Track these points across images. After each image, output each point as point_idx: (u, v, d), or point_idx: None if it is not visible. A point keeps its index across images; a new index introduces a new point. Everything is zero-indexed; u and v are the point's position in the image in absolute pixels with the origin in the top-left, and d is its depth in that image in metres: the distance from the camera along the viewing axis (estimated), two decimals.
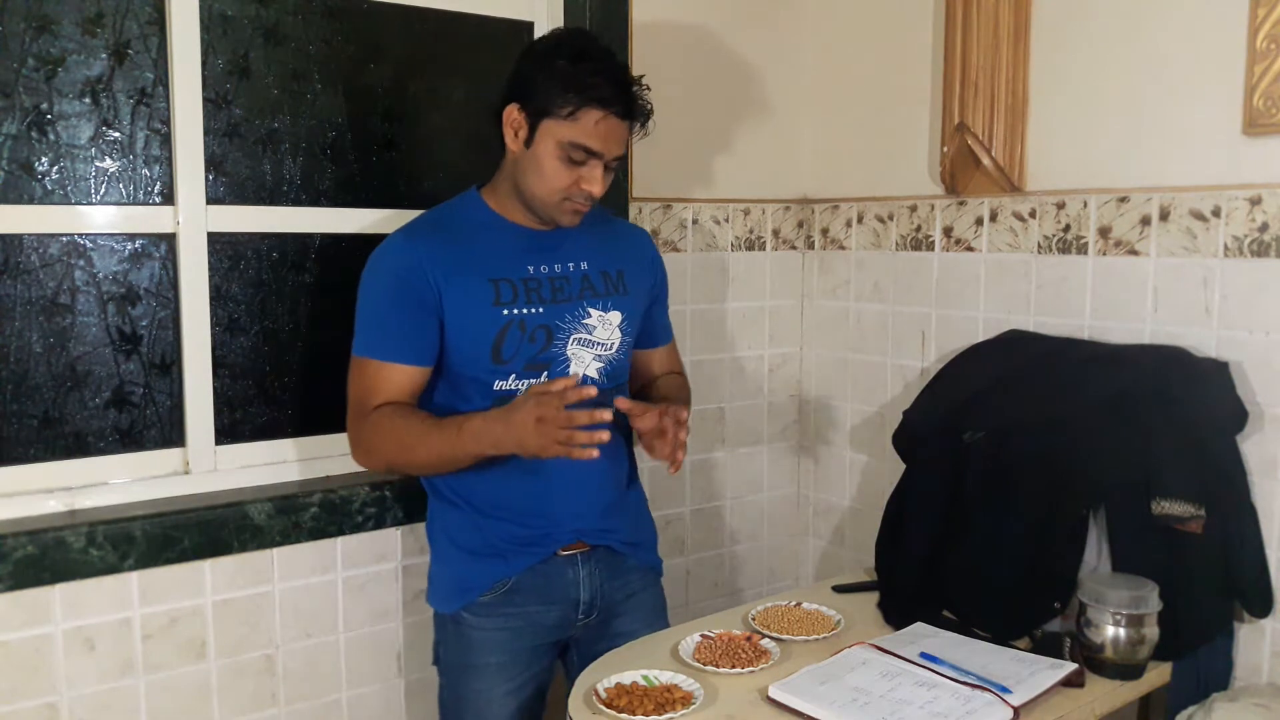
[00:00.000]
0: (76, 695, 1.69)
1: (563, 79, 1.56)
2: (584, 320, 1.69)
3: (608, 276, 1.74)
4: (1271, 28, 1.68)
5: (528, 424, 1.50)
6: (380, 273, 1.66)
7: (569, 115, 1.57)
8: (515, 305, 1.64)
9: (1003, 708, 1.42)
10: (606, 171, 1.62)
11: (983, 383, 1.92)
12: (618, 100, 1.58)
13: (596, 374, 1.71)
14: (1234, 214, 1.75)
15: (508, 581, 1.70)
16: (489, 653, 1.71)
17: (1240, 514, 1.70)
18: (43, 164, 1.70)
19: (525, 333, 1.64)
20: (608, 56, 1.61)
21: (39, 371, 1.73)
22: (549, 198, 1.62)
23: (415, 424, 1.61)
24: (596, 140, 1.58)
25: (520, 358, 1.64)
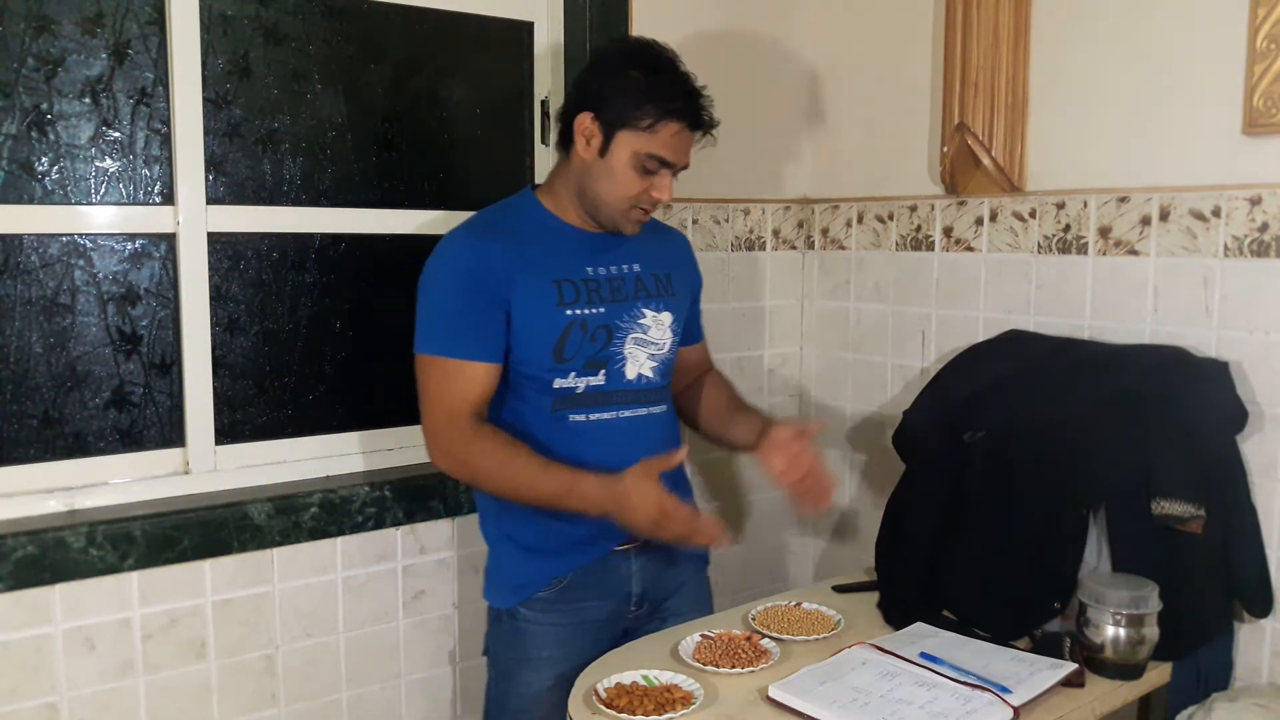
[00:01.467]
0: (76, 695, 1.69)
1: (640, 91, 1.62)
2: (640, 320, 1.74)
3: (658, 278, 1.79)
4: (1271, 28, 1.68)
5: (644, 517, 1.59)
6: (449, 270, 1.66)
7: (648, 128, 1.62)
8: (577, 305, 1.68)
9: (1003, 708, 1.42)
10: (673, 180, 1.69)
11: (983, 383, 1.92)
12: (692, 112, 1.65)
13: (651, 373, 1.76)
14: (1234, 214, 1.75)
15: (564, 579, 1.73)
16: (542, 647, 1.74)
17: (1240, 514, 1.70)
18: (43, 164, 1.70)
19: (587, 333, 1.68)
20: (677, 68, 1.67)
21: (39, 371, 1.73)
22: (618, 205, 1.67)
23: (523, 462, 1.62)
24: (672, 151, 1.64)
25: (580, 357, 1.68)
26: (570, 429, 1.69)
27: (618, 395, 1.72)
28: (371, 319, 2.04)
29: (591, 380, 1.70)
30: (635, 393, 1.74)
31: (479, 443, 1.63)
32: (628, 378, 1.73)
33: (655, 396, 1.78)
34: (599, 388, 1.70)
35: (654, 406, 1.78)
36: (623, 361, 1.72)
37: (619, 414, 1.72)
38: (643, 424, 1.76)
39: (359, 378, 2.03)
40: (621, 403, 1.73)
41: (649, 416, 1.77)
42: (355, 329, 2.02)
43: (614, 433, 1.72)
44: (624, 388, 1.73)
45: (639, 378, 1.74)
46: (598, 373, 1.70)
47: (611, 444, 1.71)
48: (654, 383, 1.77)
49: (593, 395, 1.70)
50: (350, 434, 2.01)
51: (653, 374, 1.76)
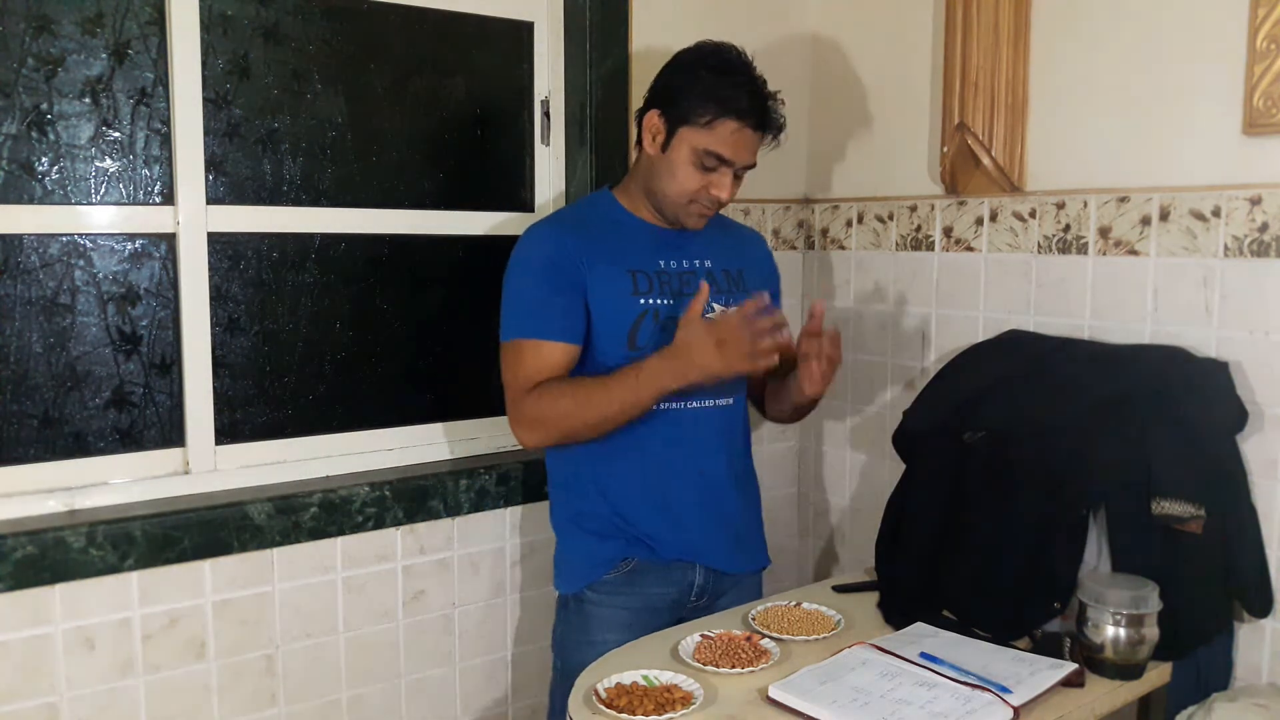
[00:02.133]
0: (76, 695, 1.69)
1: (704, 89, 1.67)
2: (707, 314, 1.73)
3: (729, 274, 1.84)
4: (1271, 28, 1.68)
5: (708, 349, 1.61)
6: (532, 260, 1.75)
7: (706, 124, 1.67)
8: (651, 296, 1.75)
9: (1003, 708, 1.42)
10: (735, 179, 1.73)
11: (983, 383, 1.92)
12: (753, 113, 1.68)
13: None
14: (1234, 214, 1.75)
15: (631, 561, 1.79)
16: (606, 630, 1.78)
17: (1240, 514, 1.70)
18: (43, 164, 1.70)
19: (658, 322, 1.74)
20: (748, 70, 1.71)
21: (39, 371, 1.73)
22: (679, 200, 1.73)
23: (588, 382, 1.70)
24: (729, 149, 1.68)
25: (652, 345, 1.73)
26: (639, 418, 1.72)
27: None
28: (372, 319, 2.04)
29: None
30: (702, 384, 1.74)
31: (544, 396, 1.69)
32: None
33: (721, 390, 1.80)
34: None
35: (720, 399, 1.82)
36: None
37: (685, 405, 1.77)
38: (708, 416, 1.80)
39: (359, 378, 2.04)
40: (686, 394, 1.74)
41: (715, 409, 1.81)
42: (355, 329, 2.02)
43: (680, 423, 1.77)
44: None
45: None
46: None
47: (677, 434, 1.77)
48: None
49: None
50: (350, 434, 2.01)
51: None
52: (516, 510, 2.12)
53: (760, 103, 1.69)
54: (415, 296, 2.10)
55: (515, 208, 2.17)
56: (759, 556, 1.96)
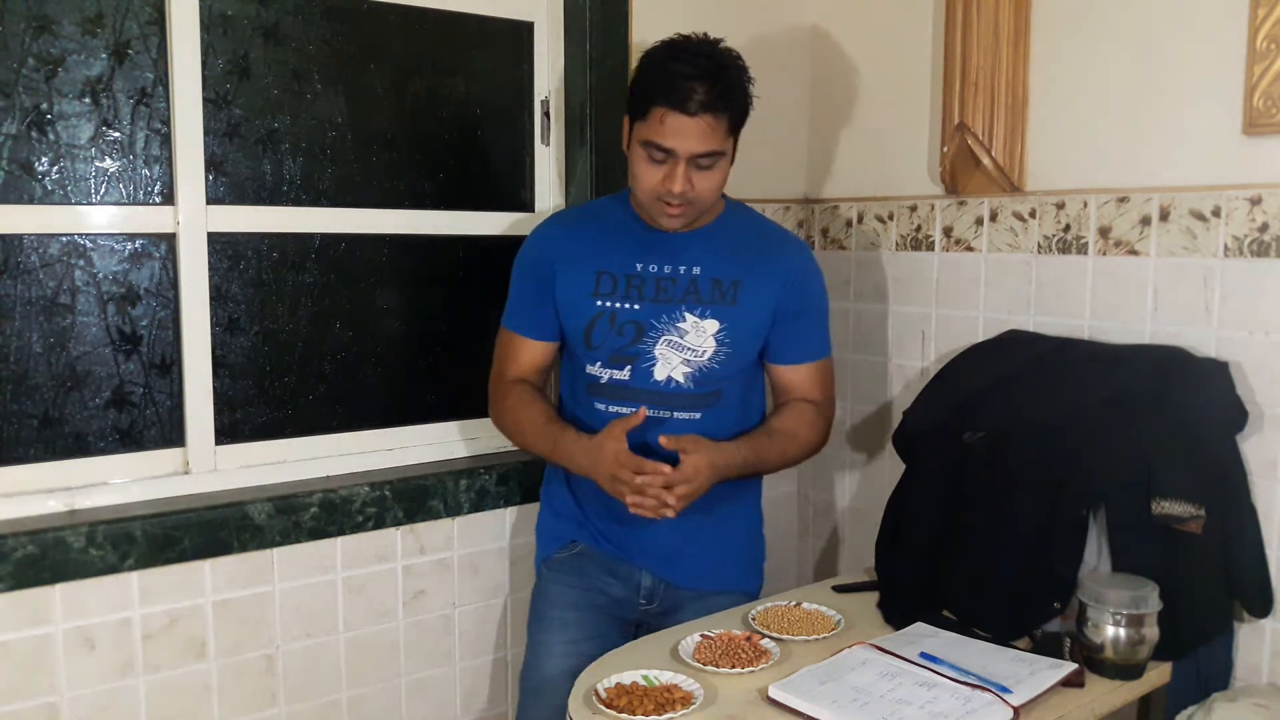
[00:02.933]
0: (76, 695, 1.69)
1: (642, 80, 1.66)
2: (678, 323, 1.74)
3: (719, 285, 1.75)
4: (1271, 27, 1.68)
5: (603, 474, 1.67)
6: (522, 254, 1.85)
7: (643, 115, 1.64)
8: (612, 299, 1.75)
9: (1003, 708, 1.42)
10: (697, 171, 1.64)
11: (983, 383, 1.92)
12: (688, 97, 1.59)
13: (683, 378, 1.75)
14: (1234, 214, 1.75)
15: (577, 545, 1.86)
16: (555, 606, 1.84)
17: (1240, 514, 1.70)
18: (43, 164, 1.70)
19: (614, 326, 1.74)
20: (691, 55, 1.63)
21: (39, 371, 1.73)
22: (644, 198, 1.70)
23: (531, 415, 1.80)
24: (665, 137, 1.61)
25: (606, 348, 1.75)
26: (595, 415, 1.78)
27: (641, 394, 1.74)
28: (371, 319, 2.04)
29: (615, 374, 1.75)
30: (662, 395, 1.74)
31: (505, 398, 1.83)
32: (655, 378, 1.74)
33: (686, 403, 1.75)
34: (622, 382, 1.75)
35: (681, 412, 1.75)
36: (653, 361, 1.74)
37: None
38: (667, 428, 1.73)
39: (359, 378, 2.04)
40: (644, 401, 1.73)
41: (674, 421, 1.75)
42: (355, 329, 2.02)
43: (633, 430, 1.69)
44: (650, 388, 1.74)
45: (668, 380, 1.74)
46: (623, 367, 1.75)
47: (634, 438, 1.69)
48: (685, 389, 1.74)
49: (615, 388, 1.76)
50: (350, 434, 2.01)
51: (685, 380, 1.74)
52: (516, 510, 2.11)
53: (704, 86, 1.58)
54: (415, 296, 2.10)
55: (515, 208, 2.17)
56: (735, 579, 1.89)
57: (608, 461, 1.65)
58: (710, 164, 1.65)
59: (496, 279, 2.16)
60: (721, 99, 1.61)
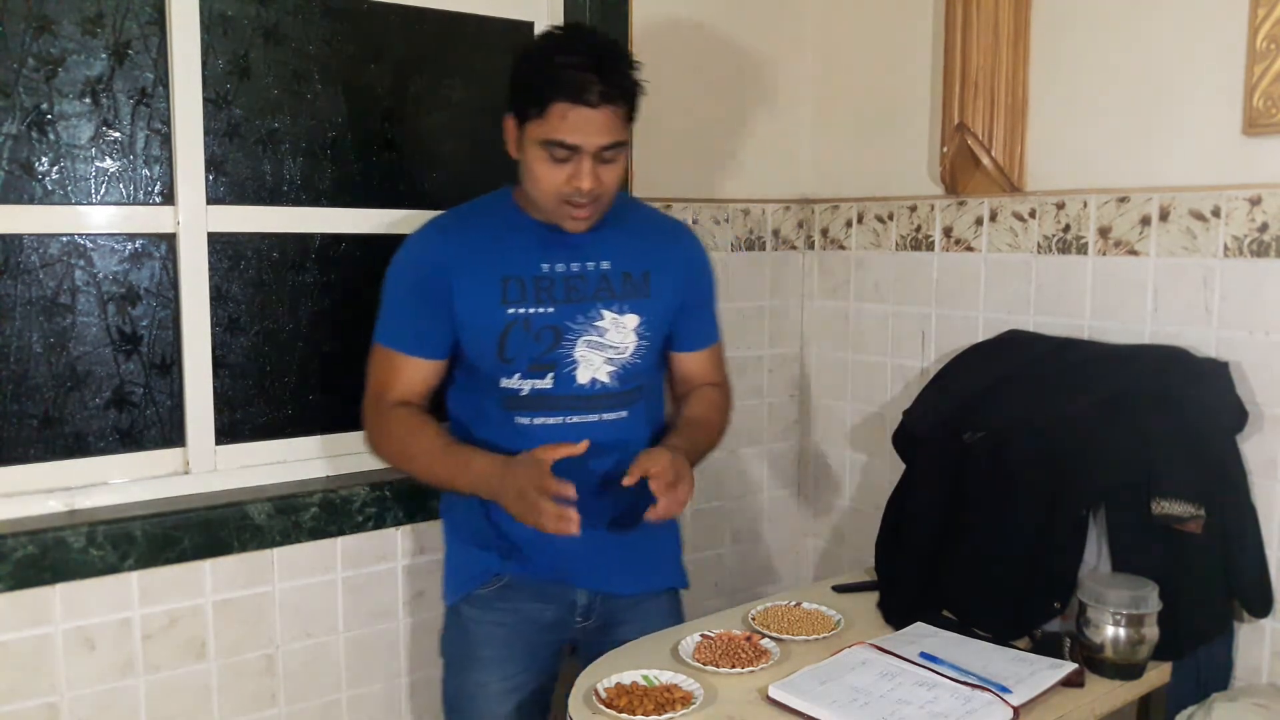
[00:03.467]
0: (76, 695, 1.69)
1: (526, 79, 1.55)
2: (596, 322, 1.66)
3: (629, 278, 1.69)
4: (1271, 28, 1.68)
5: (511, 492, 1.54)
6: (403, 264, 1.69)
7: (539, 114, 1.53)
8: (522, 304, 1.63)
9: (1003, 708, 1.42)
10: (602, 164, 1.56)
11: (983, 383, 1.92)
12: (586, 89, 1.51)
13: (608, 378, 1.68)
14: (1234, 214, 1.75)
15: (503, 577, 1.72)
16: (484, 645, 1.72)
17: (1240, 514, 1.70)
18: (43, 164, 1.70)
19: (530, 332, 1.62)
20: (579, 44, 1.56)
21: (39, 371, 1.73)
22: (547, 201, 1.59)
23: (427, 440, 1.64)
24: (569, 133, 1.52)
25: (524, 357, 1.63)
26: (518, 431, 1.65)
27: (566, 400, 1.65)
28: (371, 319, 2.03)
29: (537, 383, 1.64)
30: (588, 398, 1.66)
31: (388, 422, 1.66)
32: (579, 382, 1.65)
33: (612, 403, 1.68)
34: (545, 391, 1.64)
35: (608, 413, 1.68)
36: (574, 365, 1.65)
37: (566, 419, 1.66)
38: (595, 431, 1.65)
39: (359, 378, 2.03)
40: (570, 408, 1.65)
41: (601, 423, 1.68)
42: (355, 329, 2.02)
43: (558, 439, 1.61)
44: (574, 393, 1.65)
45: (593, 383, 1.66)
46: (544, 375, 1.64)
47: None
48: (610, 388, 1.68)
49: (537, 399, 1.64)
50: (350, 434, 2.01)
51: (610, 379, 1.67)
52: None
53: (597, 76, 1.51)
54: None
55: None
56: (667, 577, 1.83)
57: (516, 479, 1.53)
58: (613, 156, 1.58)
59: None
60: (619, 87, 1.54)
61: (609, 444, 1.67)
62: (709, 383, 1.86)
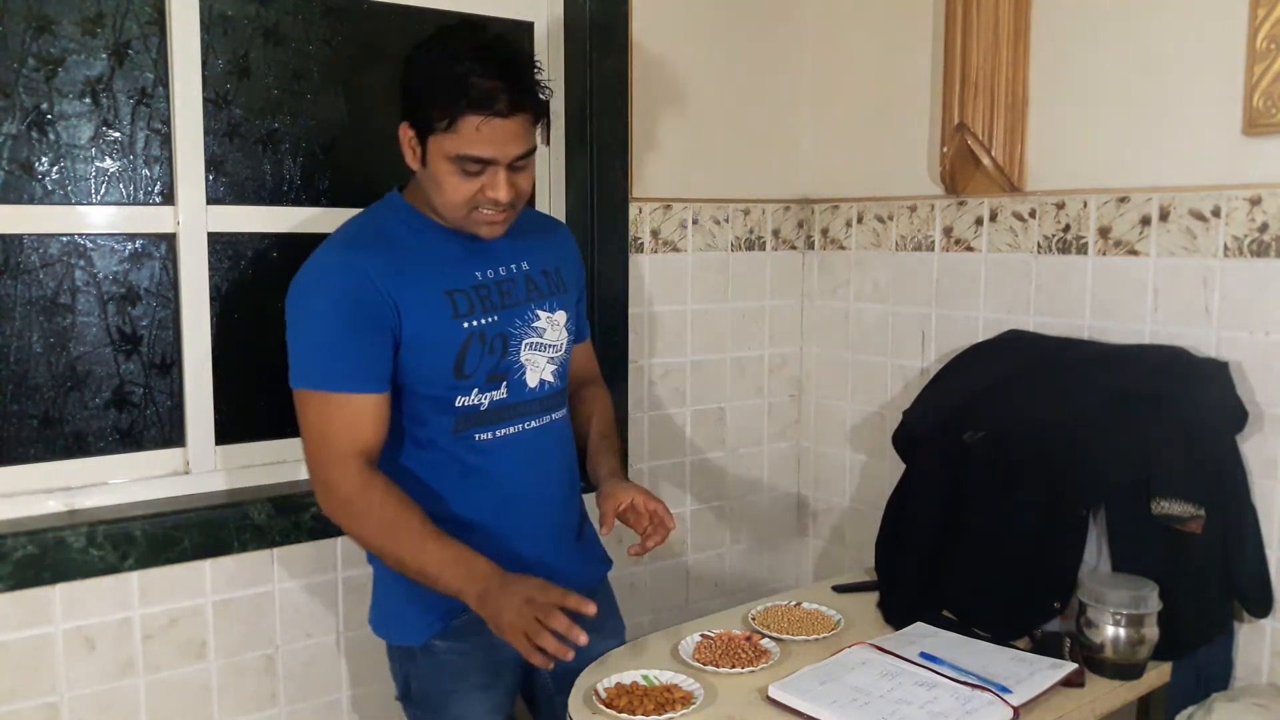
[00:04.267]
0: (76, 695, 1.69)
1: (433, 88, 1.45)
2: (534, 324, 1.62)
3: (549, 275, 1.67)
4: (1271, 28, 1.68)
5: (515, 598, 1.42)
6: (324, 292, 1.50)
7: (448, 127, 1.44)
8: (474, 316, 1.55)
9: (1003, 708, 1.42)
10: (515, 173, 1.50)
11: (983, 383, 1.92)
12: (496, 98, 1.43)
13: (552, 376, 1.65)
14: (1234, 214, 1.75)
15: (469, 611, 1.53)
16: (469, 674, 1.62)
17: (1240, 514, 1.70)
18: (43, 164, 1.70)
19: (485, 344, 1.56)
20: (481, 50, 1.46)
21: (39, 371, 1.73)
22: (456, 213, 1.52)
23: (417, 523, 1.49)
24: (482, 147, 1.45)
25: (482, 371, 1.56)
26: (476, 448, 1.58)
27: (522, 407, 1.61)
28: None
29: (494, 395, 1.57)
30: (539, 401, 1.63)
31: (370, 495, 1.49)
32: (529, 386, 1.61)
33: (557, 402, 1.67)
34: (502, 401, 1.59)
35: (556, 412, 1.67)
36: (522, 370, 1.60)
37: (524, 426, 1.62)
38: (547, 433, 1.65)
39: None
40: (527, 413, 1.61)
41: (552, 424, 1.66)
42: None
43: (520, 446, 1.60)
44: (527, 397, 1.61)
45: (541, 385, 1.63)
46: (499, 385, 1.58)
47: (521, 458, 1.61)
48: (555, 387, 1.66)
49: (496, 410, 1.58)
50: None
51: (554, 378, 1.65)
52: None
53: (503, 84, 1.43)
54: None
55: None
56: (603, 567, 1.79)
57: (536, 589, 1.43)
58: (525, 164, 1.51)
59: None
60: (528, 94, 1.47)
61: (559, 444, 1.68)
62: (590, 375, 1.87)
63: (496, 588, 1.44)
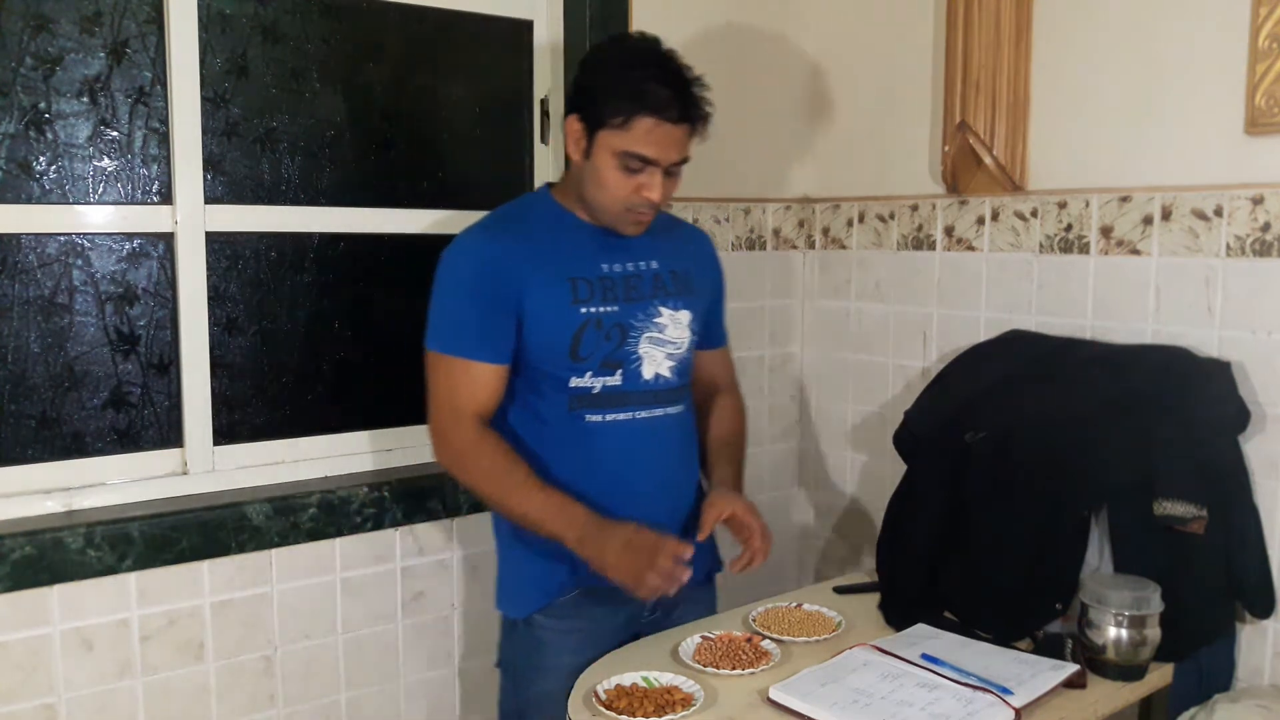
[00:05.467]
0: (74, 696, 1.69)
1: (615, 88, 1.58)
2: (655, 319, 1.71)
3: (677, 275, 1.77)
4: (1273, 27, 1.67)
5: (616, 541, 1.57)
6: (460, 269, 1.66)
7: (622, 125, 1.57)
8: (592, 303, 1.66)
9: (1004, 709, 1.42)
10: (668, 177, 1.64)
11: (984, 383, 1.91)
12: (670, 106, 1.58)
13: (669, 372, 1.73)
14: (1236, 213, 1.75)
15: (578, 588, 1.71)
16: (560, 654, 1.70)
17: (1242, 514, 1.70)
18: (41, 163, 1.69)
19: (601, 331, 1.66)
20: (662, 61, 1.61)
21: (37, 371, 1.72)
22: (611, 206, 1.64)
23: (520, 475, 1.63)
24: (650, 148, 1.59)
25: (597, 356, 1.66)
26: (587, 428, 1.68)
27: (635, 396, 1.70)
28: (370, 319, 2.04)
29: (608, 380, 1.68)
30: (653, 393, 1.72)
31: (482, 447, 1.64)
32: (645, 378, 1.71)
33: (673, 397, 1.75)
34: (615, 388, 1.68)
35: (671, 407, 1.75)
36: (639, 361, 1.70)
37: (635, 415, 1.70)
38: (659, 425, 1.73)
39: (358, 378, 2.03)
40: (639, 403, 1.70)
41: (665, 417, 1.74)
42: (354, 329, 2.02)
43: (631, 434, 1.70)
44: (641, 388, 1.70)
45: (656, 378, 1.72)
46: (614, 373, 1.68)
47: (628, 445, 1.70)
48: (671, 383, 1.74)
49: (608, 395, 1.68)
50: (349, 434, 2.01)
51: (670, 374, 1.73)
52: None
53: (677, 94, 1.58)
54: (414, 296, 2.08)
55: None
56: (711, 561, 1.87)
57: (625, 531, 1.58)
58: (678, 170, 1.66)
59: None
60: (697, 106, 1.62)
61: (673, 437, 1.76)
62: (723, 382, 1.94)
63: (594, 532, 1.59)
